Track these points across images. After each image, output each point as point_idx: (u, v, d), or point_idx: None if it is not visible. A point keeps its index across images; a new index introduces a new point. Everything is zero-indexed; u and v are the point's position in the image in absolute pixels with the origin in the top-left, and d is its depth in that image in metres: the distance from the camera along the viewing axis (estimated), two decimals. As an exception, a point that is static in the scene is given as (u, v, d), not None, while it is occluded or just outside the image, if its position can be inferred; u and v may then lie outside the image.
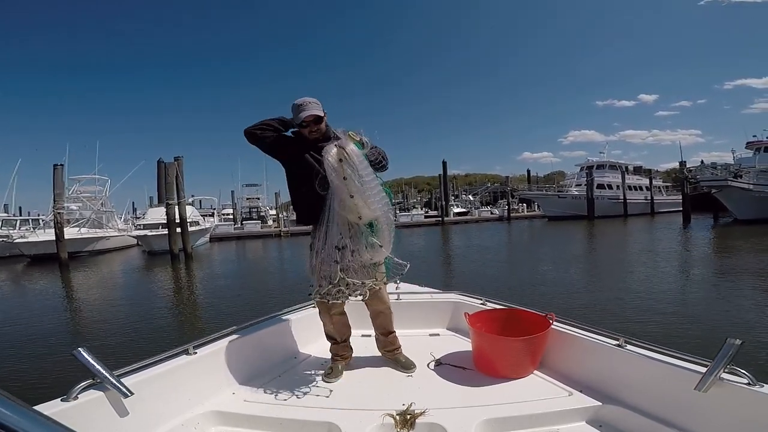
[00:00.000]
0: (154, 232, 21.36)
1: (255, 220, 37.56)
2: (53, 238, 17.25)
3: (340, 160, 1.72)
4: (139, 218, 29.73)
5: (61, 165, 18.10)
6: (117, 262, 19.98)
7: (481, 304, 2.54)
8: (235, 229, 33.71)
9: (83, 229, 22.48)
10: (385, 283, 2.07)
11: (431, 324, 2.67)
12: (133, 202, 50.78)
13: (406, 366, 2.12)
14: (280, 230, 31.70)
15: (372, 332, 2.30)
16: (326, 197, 1.86)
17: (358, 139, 1.83)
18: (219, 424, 1.67)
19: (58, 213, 17.18)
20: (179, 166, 17.97)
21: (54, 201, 17.46)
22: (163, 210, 18.97)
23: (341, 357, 2.14)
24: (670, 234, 20.39)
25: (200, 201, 45.76)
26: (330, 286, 1.86)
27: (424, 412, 1.57)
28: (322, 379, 2.00)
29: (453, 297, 2.76)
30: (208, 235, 28.24)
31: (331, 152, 1.74)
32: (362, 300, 2.02)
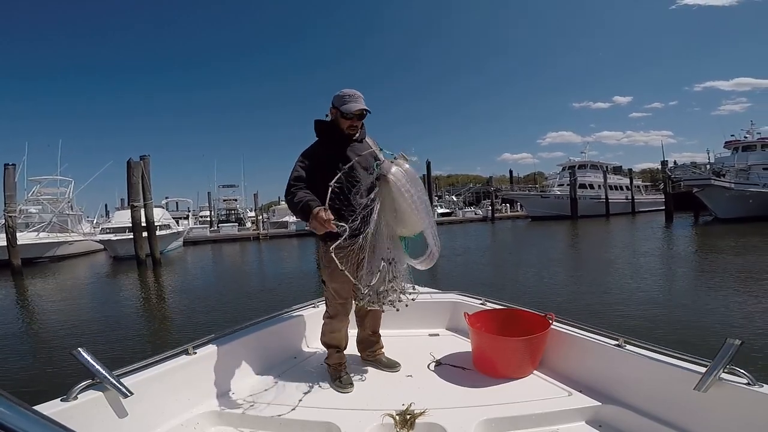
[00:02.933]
0: (118, 237, 20.02)
1: (232, 222, 36.06)
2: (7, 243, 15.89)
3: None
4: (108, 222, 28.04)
5: (13, 165, 16.70)
6: (79, 268, 18.81)
7: (481, 304, 2.52)
8: (210, 232, 32.30)
9: (42, 234, 21.02)
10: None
11: (431, 324, 2.65)
12: (105, 205, 48.11)
13: (390, 365, 2.11)
14: (258, 233, 30.51)
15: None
16: (373, 207, 1.75)
17: (407, 159, 1.82)
18: (219, 424, 1.66)
19: (10, 216, 15.81)
20: (146, 165, 16.73)
21: (5, 203, 16.06)
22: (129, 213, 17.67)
23: (341, 364, 2.02)
24: (656, 233, 20.38)
25: (177, 203, 44.27)
26: (376, 295, 1.80)
27: (423, 412, 1.56)
28: (337, 391, 1.91)
29: (452, 297, 2.73)
30: (181, 239, 26.93)
31: (392, 169, 1.73)
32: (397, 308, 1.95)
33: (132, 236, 16.85)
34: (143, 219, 16.38)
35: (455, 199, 54.44)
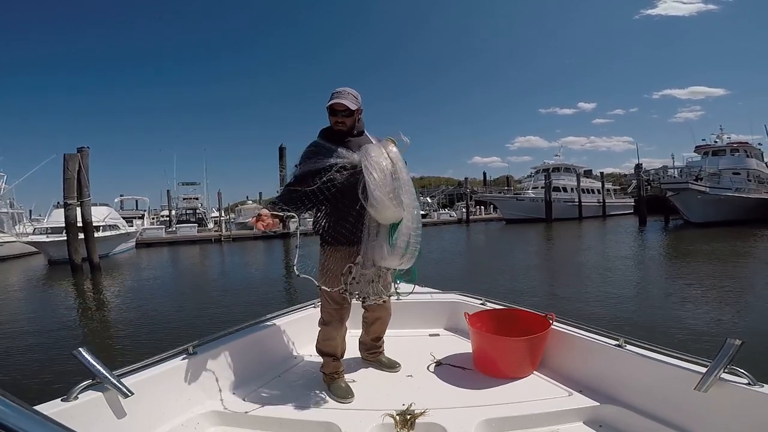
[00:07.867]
0: (51, 238, 17.59)
1: (192, 222, 33.27)
2: None
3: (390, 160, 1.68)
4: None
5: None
6: (7, 273, 16.60)
7: (481, 304, 2.51)
8: (167, 232, 29.55)
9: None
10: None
11: (431, 324, 2.64)
12: (58, 203, 44.02)
13: (390, 366, 2.10)
14: (220, 234, 28.20)
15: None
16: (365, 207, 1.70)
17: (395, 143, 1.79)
18: (219, 424, 1.66)
19: None
20: (83, 158, 14.50)
21: None
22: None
23: (337, 373, 1.92)
24: (632, 237, 20.45)
25: (136, 201, 40.96)
26: (371, 295, 1.77)
27: (424, 412, 1.55)
28: (337, 401, 1.80)
29: (453, 297, 2.73)
30: (132, 241, 24.33)
31: (374, 151, 1.67)
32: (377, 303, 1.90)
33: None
34: (79, 218, 14.11)
35: (430, 201, 53.59)
